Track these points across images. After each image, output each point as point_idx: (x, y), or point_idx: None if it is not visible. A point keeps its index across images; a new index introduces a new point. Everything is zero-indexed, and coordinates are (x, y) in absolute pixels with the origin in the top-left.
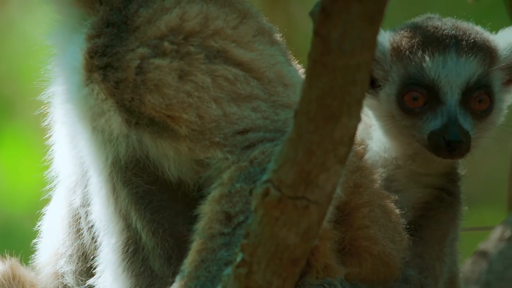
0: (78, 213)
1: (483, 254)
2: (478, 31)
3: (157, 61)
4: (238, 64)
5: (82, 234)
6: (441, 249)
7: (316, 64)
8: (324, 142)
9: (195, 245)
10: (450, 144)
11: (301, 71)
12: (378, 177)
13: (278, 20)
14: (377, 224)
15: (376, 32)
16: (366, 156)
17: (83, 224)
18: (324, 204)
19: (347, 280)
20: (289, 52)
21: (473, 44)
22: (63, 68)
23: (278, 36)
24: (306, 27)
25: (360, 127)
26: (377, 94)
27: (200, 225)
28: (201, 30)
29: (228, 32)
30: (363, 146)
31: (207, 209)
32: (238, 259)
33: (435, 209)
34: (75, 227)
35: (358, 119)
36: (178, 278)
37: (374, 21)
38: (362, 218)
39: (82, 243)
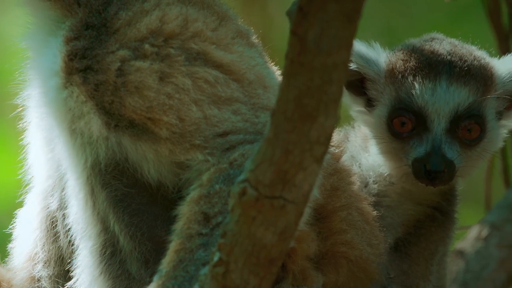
0: (55, 216)
1: (460, 253)
2: (477, 57)
3: (138, 63)
4: (218, 66)
5: (59, 237)
6: (428, 268)
7: (293, 64)
8: (301, 142)
9: (173, 245)
10: (431, 173)
11: (277, 72)
12: (355, 179)
13: (256, 20)
14: (355, 227)
15: (353, 31)
16: (344, 159)
17: (60, 227)
18: (301, 204)
19: None
20: (266, 54)
21: (466, 71)
22: (39, 71)
23: (255, 38)
24: (283, 26)
25: (359, 139)
26: (372, 112)
27: (179, 226)
28: (181, 32)
29: (207, 34)
30: (340, 149)
31: (185, 210)
32: (215, 258)
33: (426, 228)
34: (52, 230)
35: (335, 119)
36: (155, 278)
37: (351, 20)
38: (340, 222)
39: (59, 247)
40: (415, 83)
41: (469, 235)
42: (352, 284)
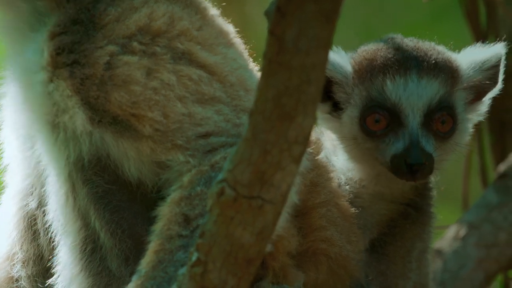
0: (34, 214)
1: (438, 253)
2: (440, 51)
3: (126, 58)
4: (202, 66)
5: (39, 235)
6: (405, 265)
7: (271, 64)
8: (279, 142)
9: (153, 245)
10: (412, 167)
11: (256, 69)
12: (334, 176)
13: (234, 20)
14: (334, 224)
15: (331, 32)
16: (322, 158)
17: (39, 225)
18: (279, 204)
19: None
20: (247, 52)
21: (434, 65)
22: (21, 67)
23: (236, 37)
24: (261, 27)
25: (328, 143)
26: (340, 117)
27: (158, 227)
28: (167, 30)
29: (193, 33)
30: (318, 145)
31: (166, 211)
32: (193, 258)
33: (400, 226)
34: (31, 229)
35: (313, 118)
36: (134, 278)
37: (329, 20)
38: (319, 219)
39: (38, 245)
40: (386, 79)
41: (447, 235)
42: (332, 281)
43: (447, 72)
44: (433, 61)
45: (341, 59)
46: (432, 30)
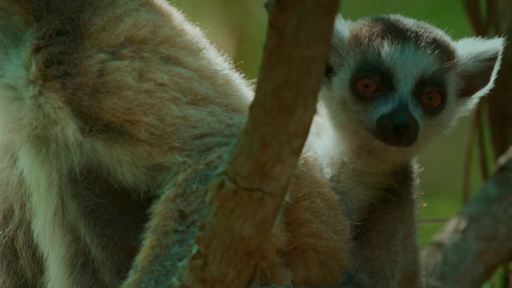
0: (14, 235)
1: (438, 245)
2: (439, 32)
3: (117, 63)
4: (190, 69)
5: (18, 257)
6: (390, 249)
7: (271, 56)
8: (279, 134)
9: (148, 241)
10: (398, 128)
11: (240, 78)
12: (315, 164)
13: (234, 13)
14: (319, 215)
15: (331, 24)
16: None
17: (21, 244)
18: (279, 196)
19: (294, 286)
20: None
21: (432, 40)
22: (6, 84)
23: (211, 45)
24: (261, 19)
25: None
26: (329, 82)
27: (153, 223)
28: (151, 38)
29: (176, 40)
30: None
31: (160, 208)
32: (194, 251)
33: (380, 211)
34: (9, 253)
35: (313, 111)
36: (131, 273)
37: (329, 13)
38: (304, 212)
39: (19, 268)
40: (384, 43)
41: (447, 228)
42: (322, 275)
43: (443, 50)
44: (432, 38)
45: (338, 23)
46: (432, 23)
